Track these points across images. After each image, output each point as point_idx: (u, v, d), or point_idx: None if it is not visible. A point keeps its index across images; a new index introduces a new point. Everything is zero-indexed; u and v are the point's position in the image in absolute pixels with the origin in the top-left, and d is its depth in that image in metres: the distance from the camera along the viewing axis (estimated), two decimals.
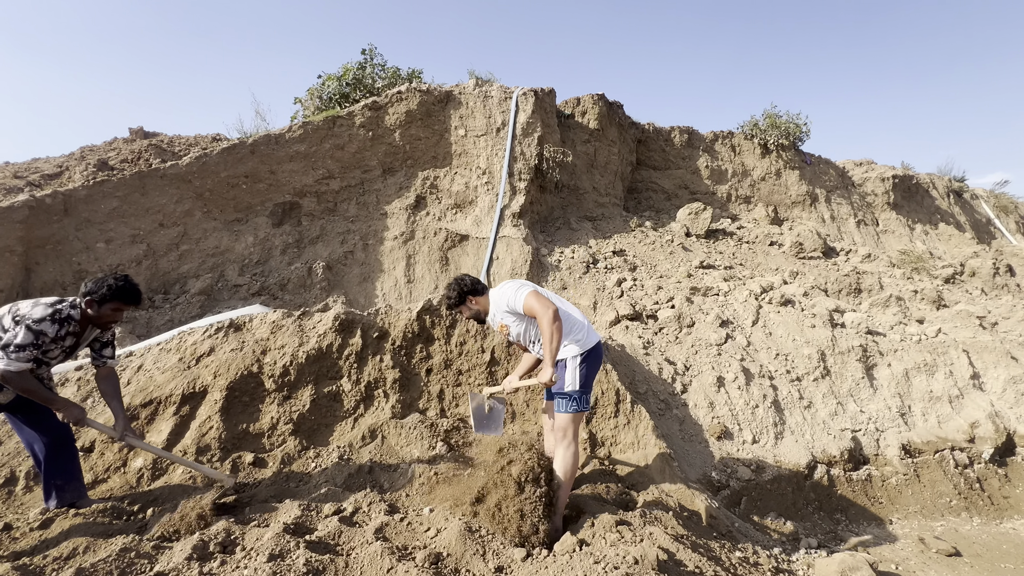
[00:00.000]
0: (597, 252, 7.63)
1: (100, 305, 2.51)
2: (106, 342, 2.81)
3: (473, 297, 2.81)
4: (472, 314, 2.86)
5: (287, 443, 3.42)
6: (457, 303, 2.82)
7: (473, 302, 2.82)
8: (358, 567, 2.15)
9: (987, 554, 3.61)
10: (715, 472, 3.95)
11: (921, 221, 12.63)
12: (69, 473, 2.75)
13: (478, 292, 2.82)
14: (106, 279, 2.52)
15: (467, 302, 2.82)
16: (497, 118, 8.06)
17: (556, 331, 2.50)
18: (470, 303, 2.82)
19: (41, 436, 2.67)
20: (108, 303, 2.51)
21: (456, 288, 2.80)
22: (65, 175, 7.11)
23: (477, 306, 2.82)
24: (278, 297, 6.39)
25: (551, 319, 2.48)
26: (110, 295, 2.49)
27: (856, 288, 7.55)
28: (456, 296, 2.80)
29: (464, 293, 2.80)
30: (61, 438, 2.73)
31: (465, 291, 2.80)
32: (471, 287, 2.81)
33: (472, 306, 2.82)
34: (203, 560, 2.20)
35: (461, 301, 2.81)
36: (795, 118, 11.61)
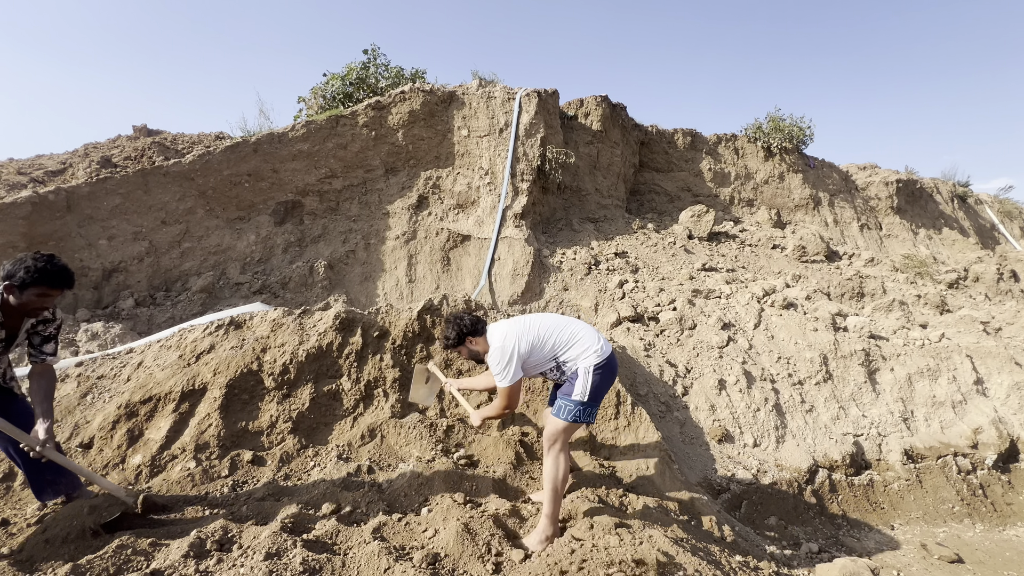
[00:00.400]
0: (599, 253, 7.62)
1: (22, 291, 2.20)
2: (48, 336, 2.51)
3: (472, 338, 2.69)
4: (470, 355, 2.75)
5: (286, 441, 3.41)
6: (456, 344, 2.71)
7: (472, 343, 2.70)
8: (355, 567, 2.13)
9: (990, 561, 3.58)
10: (716, 475, 3.92)
11: (925, 226, 12.59)
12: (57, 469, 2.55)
13: (477, 332, 2.69)
14: (24, 260, 2.20)
15: (466, 343, 2.70)
16: (500, 119, 8.06)
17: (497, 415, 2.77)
18: (469, 344, 2.70)
19: None
20: (31, 288, 2.20)
21: (455, 329, 2.68)
22: (69, 172, 7.13)
23: (476, 347, 2.71)
24: (279, 295, 6.39)
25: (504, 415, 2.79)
26: (31, 279, 2.18)
27: (859, 292, 7.51)
28: (455, 337, 2.69)
29: (463, 334, 2.68)
30: None
31: (464, 332, 2.68)
32: (471, 328, 2.68)
33: (471, 347, 2.71)
34: (200, 558, 2.18)
35: (460, 342, 2.70)
36: (799, 121, 11.58)
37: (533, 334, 2.60)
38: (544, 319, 2.71)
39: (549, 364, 2.65)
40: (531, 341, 2.58)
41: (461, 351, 2.76)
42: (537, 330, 2.63)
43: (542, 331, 2.63)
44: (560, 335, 2.63)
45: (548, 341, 2.61)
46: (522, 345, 2.56)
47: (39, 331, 2.49)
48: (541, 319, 2.71)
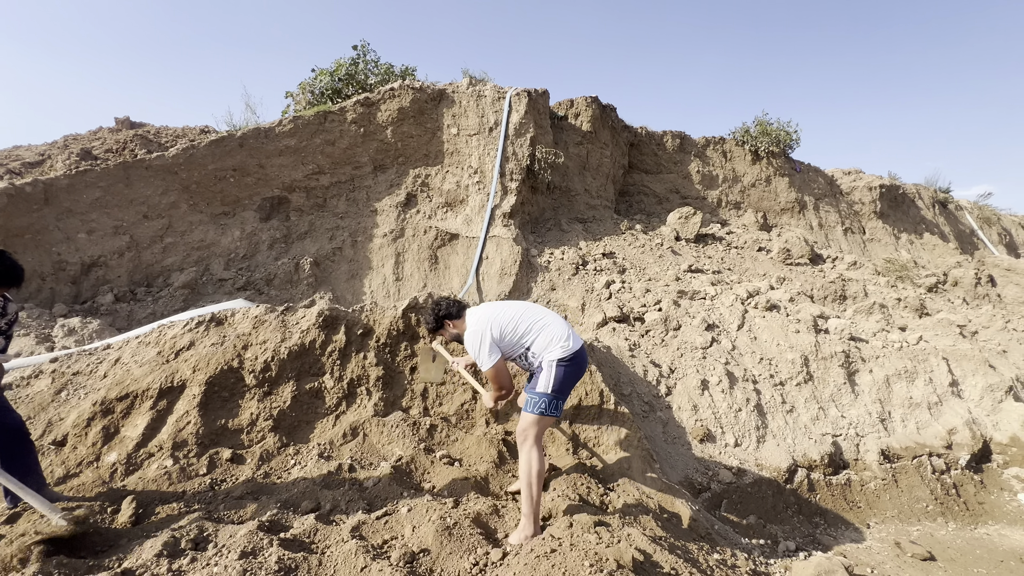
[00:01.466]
0: (587, 254, 7.65)
1: None
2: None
3: (451, 321, 2.81)
4: (451, 337, 2.88)
5: (266, 439, 3.37)
6: (435, 327, 2.84)
7: (451, 326, 2.82)
8: (331, 565, 2.12)
9: (961, 559, 3.66)
10: (697, 474, 3.96)
11: (907, 230, 12.83)
12: (27, 467, 2.56)
13: (455, 316, 2.81)
14: None
15: (445, 326, 2.83)
16: (490, 118, 8.05)
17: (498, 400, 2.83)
18: (448, 327, 2.83)
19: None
20: None
21: (432, 313, 2.82)
22: (47, 164, 6.98)
23: (455, 330, 2.82)
24: (264, 292, 6.32)
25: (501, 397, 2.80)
26: None
27: (841, 295, 7.64)
28: (433, 321, 2.82)
29: (441, 318, 2.80)
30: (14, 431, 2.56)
31: (441, 315, 2.80)
32: (447, 311, 2.81)
33: (451, 330, 2.83)
34: (173, 557, 2.16)
35: (439, 326, 2.83)
36: (786, 125, 11.74)
37: (506, 319, 2.68)
38: (519, 306, 2.78)
39: (519, 351, 2.72)
40: (502, 326, 2.66)
41: (443, 333, 2.89)
42: (510, 316, 2.70)
43: (515, 317, 2.70)
44: (531, 324, 2.69)
45: (519, 328, 2.68)
46: (494, 330, 2.64)
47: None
48: (516, 306, 2.78)
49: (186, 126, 9.13)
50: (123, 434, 3.21)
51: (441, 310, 2.80)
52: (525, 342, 2.68)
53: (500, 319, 2.68)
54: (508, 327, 2.67)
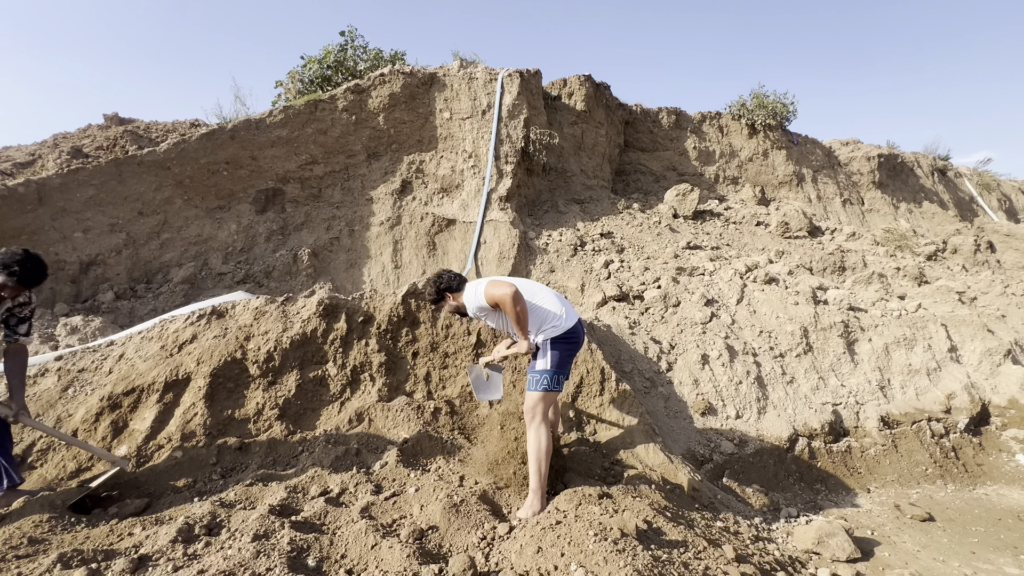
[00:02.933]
0: (585, 234, 7.63)
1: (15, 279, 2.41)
2: (22, 318, 2.70)
3: (451, 294, 2.84)
4: (453, 309, 2.90)
5: (273, 428, 3.42)
6: (436, 300, 2.87)
7: (451, 298, 2.85)
8: (343, 544, 2.17)
9: (959, 519, 3.74)
10: (699, 447, 4.02)
11: (906, 200, 12.76)
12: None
13: (455, 288, 2.83)
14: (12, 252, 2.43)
15: (446, 299, 2.86)
16: (483, 100, 7.95)
17: (520, 310, 2.61)
18: (449, 300, 2.86)
19: None
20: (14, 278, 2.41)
21: (433, 285, 2.84)
22: (38, 163, 6.93)
23: (455, 302, 2.85)
24: (264, 285, 6.33)
25: (512, 301, 2.56)
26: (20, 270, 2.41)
27: (840, 266, 7.64)
28: (434, 293, 2.85)
29: (441, 290, 2.83)
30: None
31: (442, 288, 2.83)
32: (447, 283, 2.84)
33: (451, 302, 2.86)
34: (188, 542, 2.21)
35: (440, 298, 2.86)
36: (782, 97, 11.58)
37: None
38: (516, 279, 2.84)
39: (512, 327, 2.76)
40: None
41: (443, 306, 2.90)
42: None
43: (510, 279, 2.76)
44: (529, 298, 2.73)
45: None
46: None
47: (15, 313, 2.67)
48: (514, 278, 2.85)
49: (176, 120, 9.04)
50: (132, 427, 3.26)
51: (442, 283, 2.83)
52: None
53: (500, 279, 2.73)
54: None
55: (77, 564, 2.01)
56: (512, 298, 2.55)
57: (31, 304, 2.72)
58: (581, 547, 1.97)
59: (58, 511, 2.50)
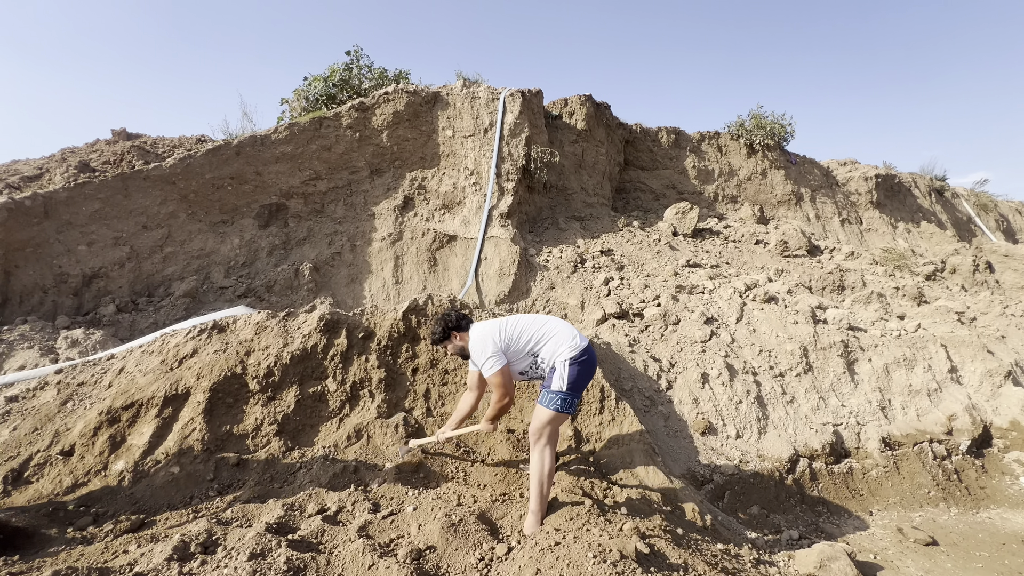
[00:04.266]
0: (585, 252, 7.68)
1: None
2: None
3: (457, 333, 2.89)
4: (456, 349, 2.93)
5: (271, 444, 3.41)
6: (442, 339, 2.91)
7: (457, 338, 2.90)
8: (340, 564, 2.15)
9: (963, 543, 3.69)
10: (699, 467, 3.99)
11: (904, 219, 12.86)
12: None
13: (462, 328, 2.89)
14: None
15: (451, 338, 2.90)
16: (485, 119, 8.08)
17: (499, 410, 2.77)
18: (454, 339, 2.90)
19: None
20: None
21: (441, 324, 2.89)
22: (45, 177, 7.01)
23: (461, 342, 2.89)
24: (265, 299, 6.35)
25: (505, 404, 2.75)
26: None
27: (839, 285, 7.67)
28: (440, 332, 2.89)
29: (448, 329, 2.89)
30: None
31: (450, 327, 2.88)
32: (456, 323, 2.88)
33: (456, 342, 2.90)
34: (183, 560, 2.19)
35: (445, 336, 2.90)
36: (780, 118, 11.77)
37: (510, 329, 2.79)
38: (523, 317, 2.88)
39: (527, 360, 2.80)
40: (508, 335, 2.77)
41: (447, 346, 2.95)
42: (514, 326, 2.81)
43: (519, 327, 2.81)
44: (536, 332, 2.79)
45: (523, 335, 2.78)
46: (500, 338, 2.74)
47: None
48: (520, 317, 2.89)
49: (183, 136, 9.17)
50: (130, 442, 3.25)
51: (450, 322, 2.89)
52: (534, 349, 2.77)
53: (505, 329, 2.79)
54: (514, 335, 2.77)
55: None
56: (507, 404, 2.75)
57: None
58: (580, 569, 1.95)
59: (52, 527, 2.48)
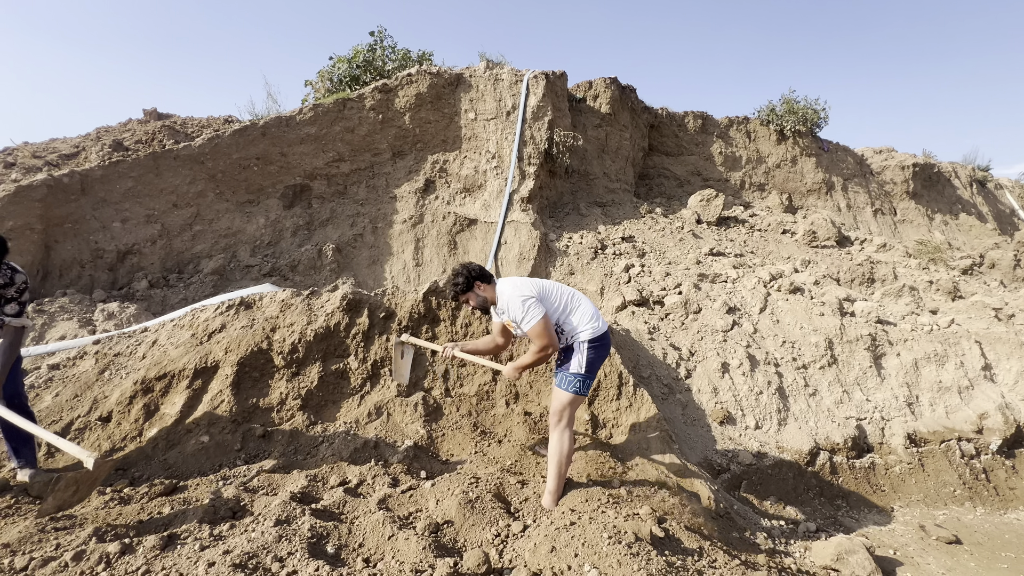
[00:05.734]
0: (606, 238, 7.60)
1: None
2: (8, 298, 2.69)
3: (481, 283, 2.75)
4: (479, 303, 2.79)
5: (295, 418, 3.52)
6: (465, 289, 2.74)
7: (481, 288, 2.76)
8: (361, 533, 2.23)
9: (988, 543, 3.60)
10: (716, 456, 3.97)
11: (941, 211, 12.33)
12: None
13: (486, 280, 2.75)
14: None
15: (475, 288, 2.75)
16: (507, 101, 8.00)
17: (541, 363, 2.67)
18: (478, 289, 2.75)
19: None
20: None
21: (464, 274, 2.74)
22: (82, 155, 7.24)
23: (484, 293, 2.76)
24: (289, 278, 6.49)
25: (546, 355, 2.62)
26: None
27: (869, 278, 7.43)
28: (464, 282, 2.73)
29: (472, 279, 2.73)
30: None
31: (473, 277, 2.73)
32: (479, 274, 2.75)
33: (480, 293, 2.76)
34: (213, 523, 2.29)
35: (469, 287, 2.74)
36: (813, 103, 11.33)
37: (540, 286, 2.72)
38: (548, 281, 2.82)
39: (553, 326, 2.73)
40: (539, 291, 2.67)
41: (470, 298, 2.77)
42: (545, 286, 2.74)
43: (549, 288, 2.74)
44: (563, 299, 2.74)
45: (553, 297, 2.71)
46: (533, 289, 2.65)
47: (2, 294, 2.65)
48: (548, 281, 2.83)
49: (210, 116, 9.33)
50: (162, 411, 3.39)
51: (474, 272, 2.73)
52: (560, 318, 2.71)
53: (538, 285, 2.70)
54: (545, 293, 2.68)
55: (111, 539, 2.11)
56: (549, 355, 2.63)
57: (14, 285, 2.69)
58: (595, 548, 1.97)
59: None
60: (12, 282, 2.68)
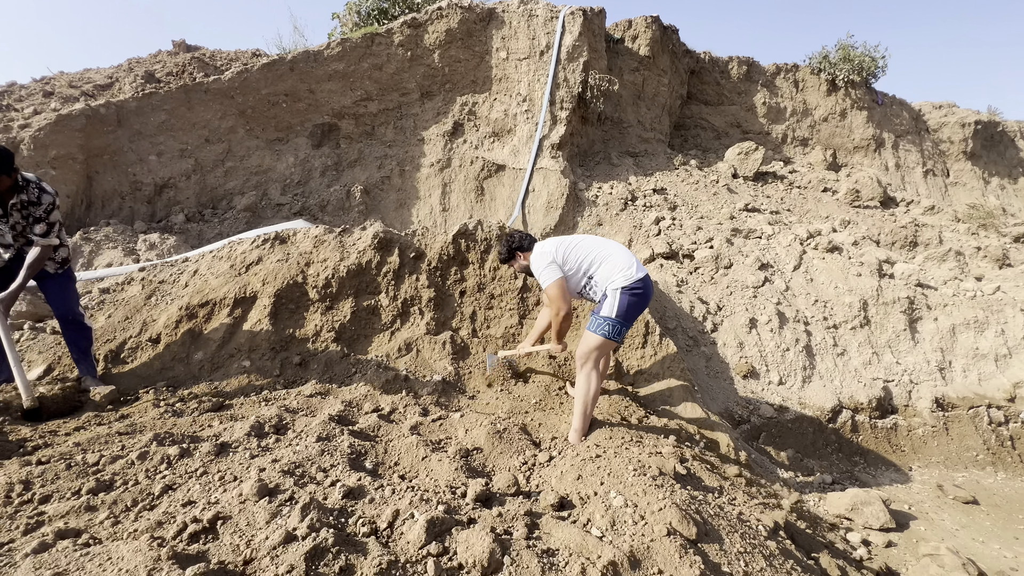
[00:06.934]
0: (636, 189, 7.39)
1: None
2: (37, 218, 2.78)
3: (521, 252, 3.04)
4: (521, 268, 3.09)
5: (330, 349, 3.66)
6: (507, 259, 3.10)
7: (521, 257, 3.04)
8: (396, 453, 2.36)
9: (1006, 505, 3.62)
10: (737, 407, 4.02)
11: (999, 174, 11.52)
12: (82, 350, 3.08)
13: (525, 248, 3.04)
14: None
15: (516, 257, 3.06)
16: (541, 40, 7.60)
17: (559, 325, 2.86)
18: (519, 258, 3.05)
19: None
20: None
21: (506, 244, 3.08)
22: (115, 86, 7.26)
23: (525, 261, 3.02)
24: (318, 218, 6.57)
25: (560, 318, 2.82)
26: None
27: (912, 241, 7.11)
28: (506, 252, 3.08)
29: (513, 249, 3.06)
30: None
31: (514, 247, 3.05)
32: (519, 243, 3.05)
33: (521, 261, 3.05)
34: (260, 437, 2.46)
35: (511, 257, 3.08)
36: (872, 50, 10.43)
37: (567, 246, 2.86)
38: (585, 238, 2.92)
39: (583, 280, 2.85)
40: (565, 251, 2.84)
41: (513, 265, 3.12)
42: (575, 245, 2.86)
43: (579, 247, 2.85)
44: (594, 253, 2.82)
45: (580, 253, 2.83)
46: (558, 253, 2.83)
47: (30, 212, 2.78)
48: (582, 237, 2.92)
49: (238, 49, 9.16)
50: (206, 336, 3.57)
51: (514, 242, 3.05)
52: (588, 271, 2.81)
53: (563, 245, 2.87)
54: (570, 252, 2.83)
55: (170, 443, 2.28)
56: (562, 318, 2.81)
57: (42, 205, 2.77)
58: (620, 479, 2.06)
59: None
60: (39, 202, 2.76)
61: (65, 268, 3.07)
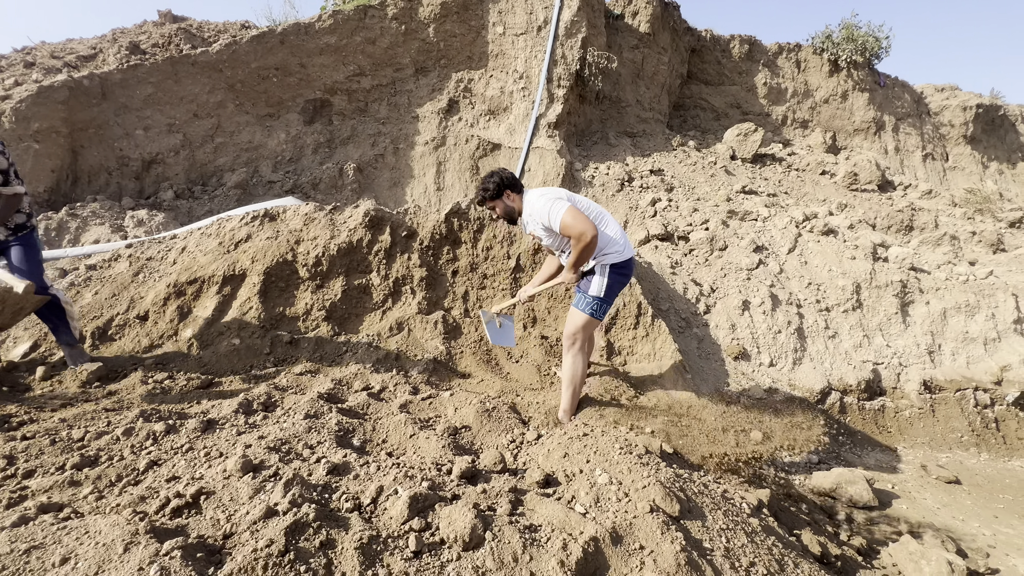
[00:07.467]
0: (633, 170, 7.30)
1: None
2: None
3: (511, 192, 2.65)
4: (505, 211, 2.68)
5: (320, 328, 3.64)
6: (495, 195, 2.64)
7: (510, 197, 2.65)
8: (384, 431, 2.36)
9: (988, 485, 3.69)
10: (728, 389, 4.04)
11: (999, 159, 11.46)
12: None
13: (516, 189, 2.65)
14: None
15: (504, 196, 2.65)
16: (539, 14, 7.40)
17: (588, 252, 2.45)
18: (507, 197, 2.65)
19: None
20: None
21: (496, 179, 2.63)
22: (99, 57, 7.05)
23: (512, 204, 2.65)
24: (310, 196, 6.48)
25: (587, 242, 2.40)
26: None
27: (908, 225, 7.09)
28: (495, 188, 2.62)
29: (503, 186, 2.63)
30: None
31: (505, 184, 2.63)
32: (511, 182, 2.64)
33: (508, 202, 2.65)
34: (248, 414, 2.45)
35: (499, 194, 2.64)
36: (876, 30, 10.25)
37: (574, 196, 2.62)
38: (582, 199, 2.68)
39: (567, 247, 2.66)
40: (569, 196, 2.58)
41: (497, 206, 2.69)
42: (577, 198, 2.64)
43: (581, 200, 2.64)
44: (593, 212, 2.61)
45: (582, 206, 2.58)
46: (561, 192, 2.57)
47: None
48: (580, 198, 2.69)
49: (227, 21, 8.89)
50: (195, 314, 3.53)
51: (505, 179, 2.63)
52: None
53: (568, 193, 2.60)
54: (575, 201, 2.58)
55: (156, 420, 2.28)
56: (590, 241, 2.39)
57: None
58: (606, 457, 2.07)
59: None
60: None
61: (21, 234, 2.88)
